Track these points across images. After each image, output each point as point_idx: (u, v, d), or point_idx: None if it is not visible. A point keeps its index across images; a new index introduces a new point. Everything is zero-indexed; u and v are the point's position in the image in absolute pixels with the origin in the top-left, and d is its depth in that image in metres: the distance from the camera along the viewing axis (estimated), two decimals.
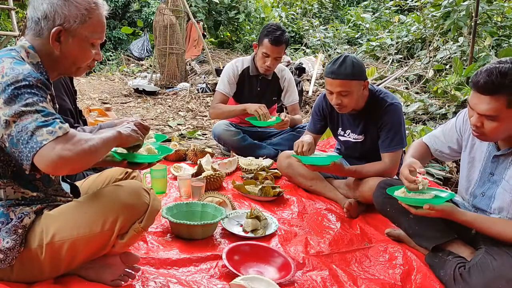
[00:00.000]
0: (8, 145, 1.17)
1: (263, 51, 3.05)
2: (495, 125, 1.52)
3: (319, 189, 2.60)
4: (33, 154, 1.12)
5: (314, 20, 9.99)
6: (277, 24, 3.06)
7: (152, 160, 1.53)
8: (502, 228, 1.58)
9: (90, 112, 3.63)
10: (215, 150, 3.56)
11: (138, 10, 12.92)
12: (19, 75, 1.17)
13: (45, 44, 1.31)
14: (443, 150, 1.94)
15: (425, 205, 1.58)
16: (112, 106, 5.21)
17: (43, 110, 1.16)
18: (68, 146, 1.13)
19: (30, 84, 1.17)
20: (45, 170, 1.13)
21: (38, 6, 1.29)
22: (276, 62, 3.12)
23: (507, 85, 1.45)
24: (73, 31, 1.31)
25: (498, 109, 1.48)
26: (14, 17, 5.83)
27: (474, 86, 1.53)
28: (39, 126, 1.13)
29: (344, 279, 1.69)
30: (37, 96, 1.17)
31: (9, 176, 1.29)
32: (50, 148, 1.11)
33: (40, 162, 1.12)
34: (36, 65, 1.31)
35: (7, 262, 1.28)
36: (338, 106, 2.29)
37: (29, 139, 1.12)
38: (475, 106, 1.54)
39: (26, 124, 1.13)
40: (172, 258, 1.72)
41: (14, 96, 1.15)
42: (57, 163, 1.11)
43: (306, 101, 5.57)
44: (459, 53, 5.41)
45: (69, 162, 1.13)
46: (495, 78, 1.46)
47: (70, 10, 1.29)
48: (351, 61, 2.22)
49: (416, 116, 4.27)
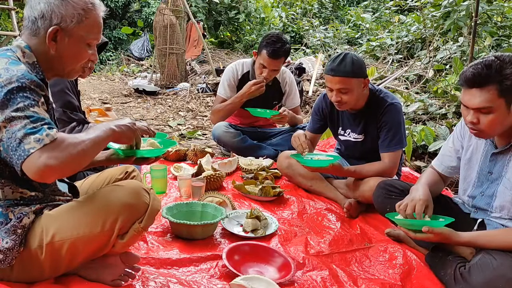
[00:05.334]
0: (2, 149, 1.17)
1: (261, 62, 2.99)
2: (491, 118, 1.53)
3: (319, 189, 2.60)
4: (21, 162, 1.12)
5: (314, 20, 9.99)
6: (278, 35, 2.98)
7: (158, 153, 1.53)
8: (503, 239, 1.57)
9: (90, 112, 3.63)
10: (215, 150, 3.56)
11: (138, 10, 12.93)
12: (13, 76, 1.17)
13: (41, 43, 1.31)
14: (452, 164, 1.91)
15: (424, 227, 1.58)
16: (112, 106, 5.21)
17: (32, 116, 1.14)
18: (55, 153, 1.12)
19: (23, 86, 1.16)
20: (33, 178, 1.13)
21: (35, 5, 1.29)
22: (274, 74, 3.07)
23: (494, 75, 1.49)
24: (69, 31, 1.31)
25: (490, 100, 1.50)
26: (14, 17, 5.83)
27: (464, 82, 1.56)
28: (27, 133, 1.12)
29: (344, 279, 1.69)
30: (28, 99, 1.16)
31: (7, 176, 1.29)
32: (37, 157, 1.10)
33: (28, 171, 1.12)
34: (32, 64, 1.31)
35: (6, 262, 1.28)
36: (338, 103, 2.30)
37: (17, 146, 1.12)
38: (468, 102, 1.56)
39: (15, 131, 1.12)
40: (172, 258, 1.72)
41: (6, 100, 1.14)
42: (43, 172, 1.11)
43: (306, 101, 5.57)
44: (459, 53, 5.41)
45: (56, 170, 1.13)
46: (482, 70, 1.50)
47: (67, 9, 1.29)
48: (351, 58, 2.22)
49: (416, 116, 4.26)
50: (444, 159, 1.95)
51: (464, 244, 1.65)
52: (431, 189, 1.84)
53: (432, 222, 1.64)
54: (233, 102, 3.13)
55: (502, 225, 1.68)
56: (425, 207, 1.71)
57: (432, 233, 1.57)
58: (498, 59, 1.50)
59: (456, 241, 1.62)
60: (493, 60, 1.51)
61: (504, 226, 1.67)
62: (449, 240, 1.61)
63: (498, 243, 1.57)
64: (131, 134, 1.40)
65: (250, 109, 3.07)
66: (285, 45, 2.96)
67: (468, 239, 1.62)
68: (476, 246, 1.63)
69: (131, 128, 1.40)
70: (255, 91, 3.00)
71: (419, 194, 1.75)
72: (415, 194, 1.76)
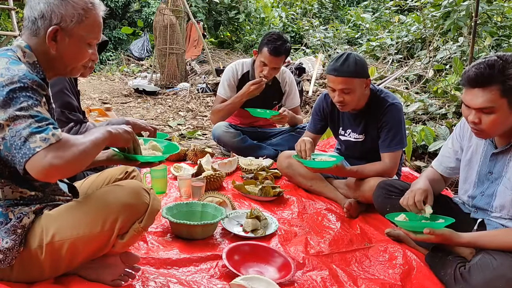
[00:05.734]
0: (3, 148, 1.17)
1: (262, 59, 3.00)
2: (493, 118, 1.53)
3: (319, 189, 2.60)
4: (25, 160, 1.12)
5: (314, 20, 9.99)
6: (279, 33, 3.01)
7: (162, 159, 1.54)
8: (504, 240, 1.57)
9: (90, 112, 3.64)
10: (215, 150, 3.56)
11: (138, 10, 12.94)
12: (14, 76, 1.17)
13: (42, 43, 1.31)
14: (451, 165, 1.92)
15: (425, 229, 1.57)
16: (112, 106, 5.21)
17: (37, 115, 1.15)
18: (60, 153, 1.12)
19: (25, 87, 1.17)
20: (36, 177, 1.13)
21: (35, 5, 1.29)
22: (274, 72, 3.07)
23: (496, 75, 1.48)
24: (69, 31, 1.31)
25: (493, 100, 1.50)
26: (14, 17, 5.83)
27: (466, 81, 1.55)
28: (32, 132, 1.12)
29: (344, 279, 1.69)
30: (31, 99, 1.16)
31: (7, 175, 1.29)
32: (42, 156, 1.11)
33: (32, 169, 1.12)
34: (32, 64, 1.31)
35: (6, 262, 1.28)
36: (340, 103, 2.29)
37: (22, 145, 1.12)
38: (470, 102, 1.56)
39: (20, 130, 1.12)
40: (172, 258, 1.72)
41: (9, 99, 1.14)
42: (48, 171, 1.11)
43: (306, 101, 5.57)
44: (459, 53, 5.41)
45: (60, 170, 1.13)
46: (484, 70, 1.49)
47: (67, 9, 1.29)
48: (354, 58, 2.21)
49: (416, 116, 4.26)
50: (443, 160, 1.95)
51: (465, 245, 1.65)
52: (432, 186, 1.84)
53: (432, 224, 1.64)
54: (233, 102, 3.13)
55: (502, 225, 1.68)
56: (425, 196, 1.73)
57: (433, 235, 1.57)
58: (501, 58, 1.50)
59: (457, 242, 1.62)
60: (495, 60, 1.50)
61: (504, 226, 1.67)
62: (450, 241, 1.61)
63: (499, 244, 1.57)
64: (128, 136, 1.40)
65: (250, 110, 3.07)
66: (286, 44, 2.98)
67: (469, 239, 1.62)
68: (477, 246, 1.63)
69: (128, 130, 1.40)
70: (254, 90, 3.01)
71: (418, 185, 1.80)
72: (414, 186, 1.82)
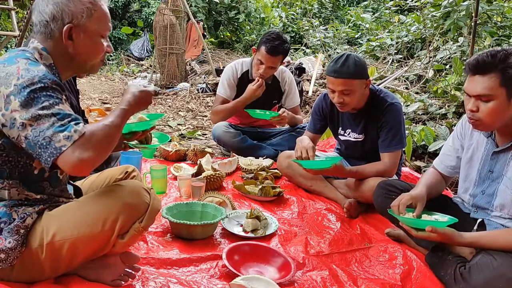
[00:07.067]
0: (25, 146, 1.19)
1: (259, 57, 3.00)
2: (490, 106, 1.55)
3: (319, 189, 2.60)
4: (53, 159, 1.16)
5: (314, 20, 9.99)
6: (278, 33, 3.01)
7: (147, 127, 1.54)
8: (505, 240, 1.57)
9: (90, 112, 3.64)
10: (215, 150, 3.56)
11: (138, 10, 12.94)
12: (35, 77, 1.19)
13: (58, 45, 1.33)
14: (451, 163, 1.92)
15: (427, 227, 1.57)
16: (112, 106, 5.21)
17: (59, 113, 1.18)
18: (86, 146, 1.17)
19: (45, 86, 1.19)
20: (69, 172, 1.19)
21: (44, 9, 1.31)
22: (270, 71, 3.07)
23: (497, 63, 1.52)
24: (82, 26, 1.33)
25: (491, 87, 1.53)
26: (14, 17, 5.82)
27: (468, 68, 1.59)
28: (56, 131, 1.15)
29: (344, 279, 1.69)
30: (52, 98, 1.19)
31: (16, 177, 1.30)
32: (70, 153, 1.15)
33: (64, 166, 1.17)
34: (49, 66, 1.32)
35: (8, 262, 1.28)
36: (340, 104, 2.29)
37: (48, 144, 1.15)
38: (469, 90, 1.59)
39: (44, 129, 1.15)
40: (172, 258, 1.72)
41: (30, 99, 1.16)
42: (79, 166, 1.16)
43: (306, 101, 5.57)
44: (459, 53, 5.41)
45: (91, 162, 1.19)
46: (486, 57, 1.54)
47: (75, 6, 1.31)
48: (353, 59, 2.21)
49: (416, 116, 4.26)
50: (444, 158, 1.95)
51: (466, 244, 1.65)
52: (431, 190, 1.84)
53: (435, 222, 1.64)
54: (236, 106, 3.15)
55: (502, 225, 1.68)
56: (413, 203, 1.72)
57: (435, 233, 1.57)
58: (504, 50, 1.54)
59: (458, 242, 1.62)
60: (498, 50, 1.54)
61: (504, 226, 1.67)
62: (451, 240, 1.61)
63: (500, 244, 1.57)
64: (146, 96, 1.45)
65: (249, 111, 3.07)
66: (284, 44, 2.98)
67: (471, 239, 1.62)
68: (478, 246, 1.63)
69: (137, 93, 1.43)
70: (257, 91, 3.01)
71: (410, 192, 1.81)
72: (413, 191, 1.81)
